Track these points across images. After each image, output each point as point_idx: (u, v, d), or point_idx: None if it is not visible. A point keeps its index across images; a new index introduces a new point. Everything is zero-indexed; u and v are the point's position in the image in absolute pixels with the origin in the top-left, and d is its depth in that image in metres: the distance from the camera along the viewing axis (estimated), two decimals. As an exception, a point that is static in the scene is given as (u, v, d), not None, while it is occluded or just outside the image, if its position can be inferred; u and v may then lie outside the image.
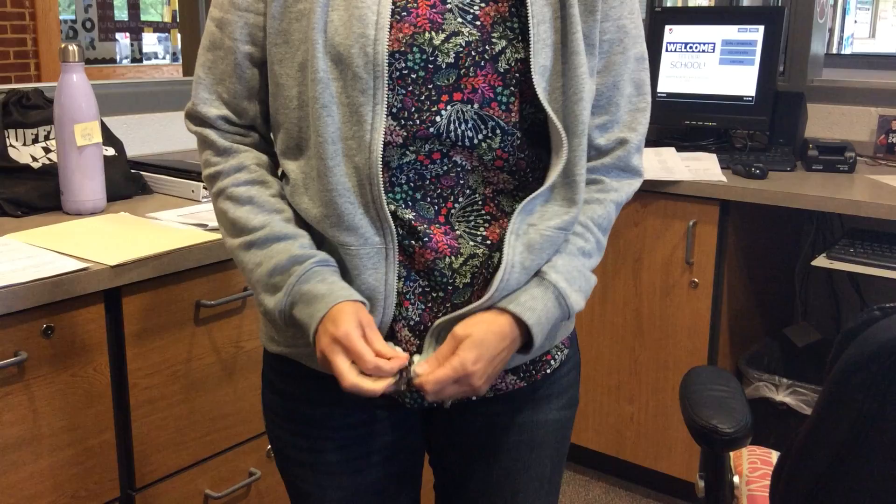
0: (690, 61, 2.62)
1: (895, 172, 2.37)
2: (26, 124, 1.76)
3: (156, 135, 2.24)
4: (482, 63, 0.98)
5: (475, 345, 0.96)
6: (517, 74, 0.99)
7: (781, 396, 2.28)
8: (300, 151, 1.02)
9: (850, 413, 1.02)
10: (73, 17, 6.26)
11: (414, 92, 0.98)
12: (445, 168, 1.01)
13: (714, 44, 2.59)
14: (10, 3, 5.06)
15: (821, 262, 2.07)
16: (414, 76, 0.97)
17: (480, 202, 1.03)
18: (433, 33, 0.97)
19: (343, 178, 0.97)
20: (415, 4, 0.98)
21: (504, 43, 0.99)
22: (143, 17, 6.73)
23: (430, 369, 0.96)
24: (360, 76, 0.95)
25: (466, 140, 1.00)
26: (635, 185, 1.11)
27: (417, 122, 0.98)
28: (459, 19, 0.98)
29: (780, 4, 3.20)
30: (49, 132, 1.78)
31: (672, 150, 2.49)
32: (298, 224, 1.04)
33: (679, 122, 2.65)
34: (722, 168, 2.34)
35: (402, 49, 0.97)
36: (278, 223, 1.03)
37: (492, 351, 0.97)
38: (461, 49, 0.98)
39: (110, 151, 1.83)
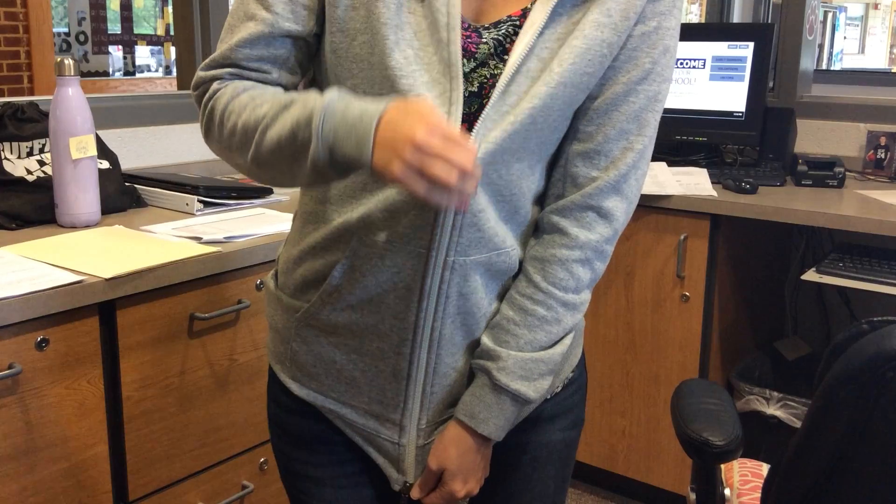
0: (681, 77, 2.64)
1: (884, 187, 2.40)
2: (21, 137, 1.77)
3: (150, 148, 2.25)
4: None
5: (454, 474, 1.05)
6: None
7: (772, 410, 2.29)
8: None
9: (839, 426, 1.03)
10: (66, 29, 6.26)
11: None
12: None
13: (704, 60, 2.61)
14: (4, 15, 5.06)
15: (810, 276, 2.09)
16: None
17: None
18: (464, 60, 0.96)
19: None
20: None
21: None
22: (136, 30, 6.73)
23: (421, 493, 1.08)
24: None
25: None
26: (606, 234, 1.01)
27: None
28: (492, 50, 0.97)
29: (769, 21, 3.23)
30: (44, 145, 1.78)
31: (663, 164, 2.51)
32: None
33: (670, 137, 2.66)
34: (712, 183, 2.36)
35: None
36: (282, 96, 0.93)
37: (469, 464, 1.05)
38: (485, 80, 0.97)
39: (105, 164, 1.84)
